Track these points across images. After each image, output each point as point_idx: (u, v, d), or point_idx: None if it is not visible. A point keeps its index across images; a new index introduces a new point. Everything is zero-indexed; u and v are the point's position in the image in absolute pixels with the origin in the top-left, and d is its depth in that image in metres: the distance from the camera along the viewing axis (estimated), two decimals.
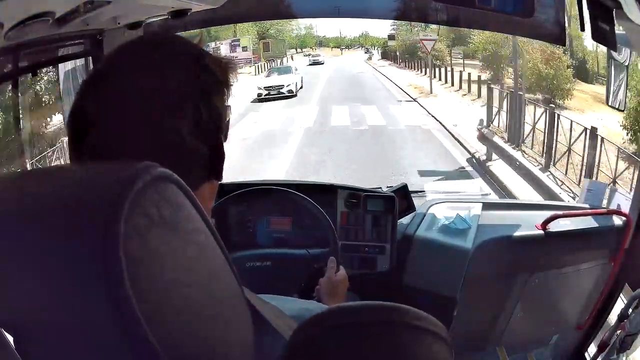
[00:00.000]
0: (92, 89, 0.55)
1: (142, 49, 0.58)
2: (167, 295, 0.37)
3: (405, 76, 21.03)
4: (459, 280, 1.70)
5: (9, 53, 1.30)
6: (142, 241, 0.36)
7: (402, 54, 24.82)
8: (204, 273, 0.42)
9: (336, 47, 32.58)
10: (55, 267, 0.36)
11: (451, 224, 1.79)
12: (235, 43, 24.27)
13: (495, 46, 15.60)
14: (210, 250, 0.43)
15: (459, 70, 17.49)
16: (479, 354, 1.96)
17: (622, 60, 1.74)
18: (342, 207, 1.76)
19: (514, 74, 11.83)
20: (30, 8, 0.96)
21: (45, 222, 0.37)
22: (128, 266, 0.34)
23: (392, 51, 26.89)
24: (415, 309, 0.49)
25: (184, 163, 0.53)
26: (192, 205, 0.42)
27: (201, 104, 0.55)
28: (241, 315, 0.46)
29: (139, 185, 0.37)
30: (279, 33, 29.81)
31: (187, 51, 0.58)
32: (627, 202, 1.80)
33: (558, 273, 1.85)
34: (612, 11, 1.30)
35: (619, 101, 1.80)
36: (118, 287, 0.34)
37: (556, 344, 1.99)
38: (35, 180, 0.42)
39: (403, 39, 24.75)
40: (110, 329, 0.35)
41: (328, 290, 1.24)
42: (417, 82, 19.00)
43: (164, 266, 0.37)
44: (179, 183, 0.41)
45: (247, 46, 24.87)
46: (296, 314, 0.62)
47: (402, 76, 21.07)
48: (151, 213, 0.37)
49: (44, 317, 0.38)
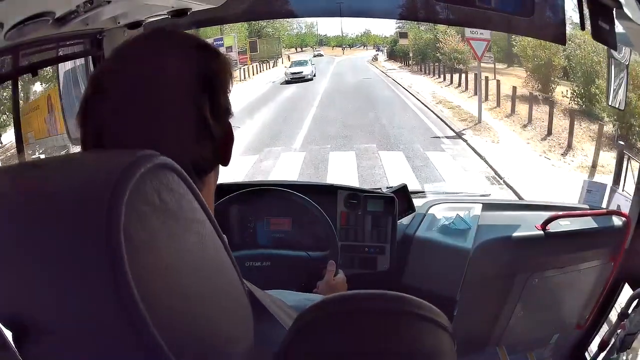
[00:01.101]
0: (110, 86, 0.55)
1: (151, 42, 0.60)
2: (166, 280, 0.38)
3: (424, 85, 16.33)
4: (459, 280, 1.70)
5: (9, 53, 1.30)
6: (142, 226, 0.36)
7: (415, 55, 20.65)
8: (204, 261, 0.42)
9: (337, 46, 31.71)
10: (57, 252, 0.36)
11: (451, 224, 1.79)
12: (218, 43, 19.50)
13: (549, 53, 12.30)
14: (210, 240, 0.43)
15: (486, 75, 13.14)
16: (479, 354, 1.96)
17: (622, 60, 1.74)
18: (342, 208, 1.76)
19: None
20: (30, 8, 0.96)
21: (48, 209, 0.37)
22: (128, 250, 0.35)
23: (401, 51, 22.95)
24: (417, 299, 0.49)
25: (208, 143, 0.57)
26: (192, 195, 0.42)
27: (218, 88, 0.58)
28: (240, 304, 0.46)
29: (140, 171, 0.37)
30: (276, 31, 26.20)
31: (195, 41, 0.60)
32: (627, 202, 1.80)
33: (558, 273, 1.85)
34: (612, 11, 1.29)
35: (618, 101, 1.80)
36: (118, 270, 0.35)
37: (556, 344, 1.98)
38: (37, 169, 0.42)
39: (416, 38, 20.56)
40: (108, 311, 0.36)
41: (326, 293, 1.24)
42: (444, 94, 14.51)
43: (164, 251, 0.38)
44: (180, 172, 0.41)
45: (231, 46, 20.65)
46: (297, 304, 0.63)
47: (420, 84, 16.36)
48: (152, 199, 0.38)
49: (46, 300, 0.38)
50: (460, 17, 1.75)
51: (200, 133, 0.56)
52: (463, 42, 16.19)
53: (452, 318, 1.70)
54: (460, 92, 14.57)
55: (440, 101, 13.61)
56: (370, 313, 0.49)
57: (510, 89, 12.04)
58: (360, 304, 0.50)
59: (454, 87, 15.35)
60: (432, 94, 14.68)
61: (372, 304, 0.49)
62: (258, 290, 0.60)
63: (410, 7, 1.85)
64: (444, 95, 14.40)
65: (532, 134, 10.19)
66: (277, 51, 24.23)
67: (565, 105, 11.38)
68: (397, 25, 22.94)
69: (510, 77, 14.03)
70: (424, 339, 0.49)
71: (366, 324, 0.49)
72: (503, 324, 1.91)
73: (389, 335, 0.48)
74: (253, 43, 22.31)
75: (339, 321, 0.49)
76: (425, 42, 19.48)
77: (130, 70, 0.55)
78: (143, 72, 0.55)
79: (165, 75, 0.55)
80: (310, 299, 0.68)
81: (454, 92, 14.68)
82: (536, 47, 12.58)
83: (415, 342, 0.49)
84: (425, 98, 13.98)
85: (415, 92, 15.16)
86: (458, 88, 15.04)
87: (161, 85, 0.55)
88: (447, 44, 17.18)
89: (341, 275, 1.30)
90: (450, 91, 14.96)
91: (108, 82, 0.55)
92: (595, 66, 10.59)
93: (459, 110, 12.46)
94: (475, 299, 1.79)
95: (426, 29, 19.58)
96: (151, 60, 0.56)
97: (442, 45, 17.35)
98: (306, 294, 0.78)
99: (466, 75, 14.89)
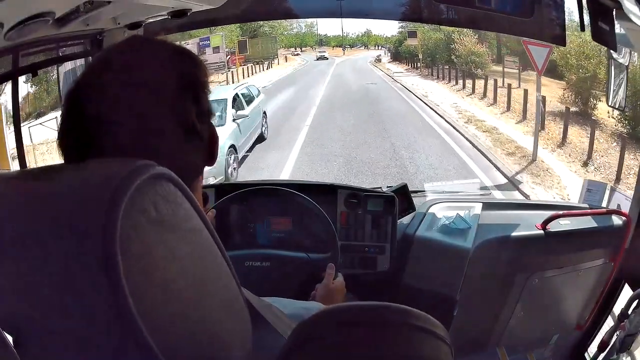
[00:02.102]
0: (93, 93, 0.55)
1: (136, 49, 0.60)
2: (163, 291, 0.38)
3: (441, 93, 13.52)
4: (459, 280, 1.70)
5: (9, 53, 1.30)
6: (139, 238, 0.36)
7: (425, 57, 18.10)
8: (201, 270, 0.42)
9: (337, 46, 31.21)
10: (54, 262, 0.36)
11: (451, 224, 1.79)
12: (205, 43, 17.23)
13: (595, 64, 9.90)
14: (207, 249, 0.43)
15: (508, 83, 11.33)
16: (479, 354, 1.96)
17: (622, 60, 1.74)
18: (342, 207, 1.76)
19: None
20: (30, 8, 0.96)
21: (44, 219, 0.37)
22: (124, 262, 0.35)
23: (407, 52, 20.40)
24: (415, 310, 0.49)
25: (197, 147, 0.59)
26: (190, 204, 0.42)
27: (200, 92, 0.59)
28: (239, 314, 0.46)
29: (136, 182, 0.37)
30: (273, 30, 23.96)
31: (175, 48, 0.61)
32: (627, 202, 1.80)
33: (558, 273, 1.85)
34: (612, 11, 1.30)
35: (618, 101, 1.80)
36: (114, 282, 0.34)
37: (556, 344, 1.98)
38: (34, 178, 0.42)
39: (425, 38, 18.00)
40: (106, 323, 0.36)
41: (324, 296, 1.24)
42: (469, 108, 11.71)
43: (160, 262, 0.38)
44: (176, 182, 0.41)
45: (219, 46, 17.82)
46: (295, 313, 0.63)
47: (437, 93, 13.57)
48: (148, 210, 0.37)
49: (43, 310, 0.38)
50: (459, 17, 1.75)
51: (189, 137, 0.57)
52: (481, 43, 14.40)
53: (452, 318, 1.69)
54: (487, 106, 11.85)
55: (469, 119, 10.63)
56: (368, 325, 0.49)
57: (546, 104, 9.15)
58: (358, 315, 0.50)
59: (477, 97, 12.53)
60: (455, 107, 11.82)
61: (370, 316, 0.50)
62: (255, 298, 0.59)
63: (411, 8, 1.85)
64: (470, 109, 11.59)
65: (597, 176, 7.75)
66: (272, 51, 21.82)
67: (611, 127, 8.81)
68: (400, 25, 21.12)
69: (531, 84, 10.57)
70: (422, 350, 0.49)
71: (364, 335, 0.49)
72: (503, 324, 1.91)
73: (386, 346, 0.48)
74: (242, 43, 19.34)
75: (338, 333, 0.49)
76: (435, 43, 17.10)
77: (112, 81, 0.55)
78: (126, 81, 0.55)
79: (147, 83, 0.55)
80: (308, 307, 0.69)
81: (479, 104, 11.93)
82: (579, 55, 10.01)
83: (414, 354, 0.49)
84: (449, 114, 11.02)
85: (434, 104, 12.34)
86: (483, 100, 12.23)
87: (145, 94, 0.55)
88: (463, 44, 14.96)
89: (340, 279, 1.30)
90: (474, 103, 12.15)
91: (91, 95, 0.55)
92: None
93: (497, 135, 9.59)
94: (475, 299, 1.79)
95: (435, 28, 17.04)
96: (132, 69, 0.56)
97: (457, 46, 15.06)
98: (303, 303, 0.78)
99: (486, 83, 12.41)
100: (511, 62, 12.58)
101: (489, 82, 12.47)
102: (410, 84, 15.35)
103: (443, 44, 16.34)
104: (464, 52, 14.77)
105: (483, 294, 1.84)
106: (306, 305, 0.71)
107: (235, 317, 0.46)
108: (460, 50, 14.95)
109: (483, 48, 14.18)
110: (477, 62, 14.10)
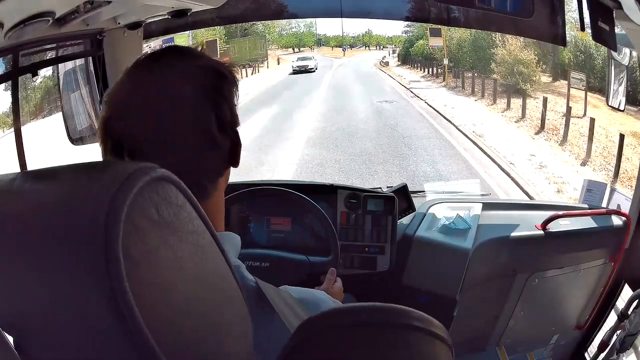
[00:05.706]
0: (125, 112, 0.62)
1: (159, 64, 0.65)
2: (166, 295, 0.38)
3: (490, 122, 8.99)
4: (459, 280, 1.70)
5: (9, 53, 1.30)
6: (141, 241, 0.36)
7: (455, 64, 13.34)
8: (203, 272, 0.42)
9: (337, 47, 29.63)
10: (55, 267, 0.36)
11: (451, 224, 1.79)
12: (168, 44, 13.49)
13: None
14: (209, 250, 0.43)
15: (568, 106, 7.70)
16: (479, 354, 1.96)
17: (622, 60, 1.74)
18: (342, 207, 1.76)
19: None
20: (30, 8, 0.96)
21: (44, 223, 0.37)
22: (126, 266, 0.35)
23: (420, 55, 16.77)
24: (415, 310, 0.49)
25: (215, 153, 0.64)
26: (191, 206, 0.42)
27: (222, 103, 0.64)
28: (240, 316, 0.46)
29: (138, 185, 0.37)
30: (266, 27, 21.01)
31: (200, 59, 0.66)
32: (627, 202, 1.80)
33: (558, 273, 1.85)
34: (612, 11, 1.30)
35: (618, 101, 1.80)
36: (116, 286, 0.34)
37: (556, 344, 1.98)
38: (34, 180, 0.42)
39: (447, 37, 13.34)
40: (108, 328, 0.36)
41: None
42: (537, 152, 7.60)
43: (162, 265, 0.38)
44: (178, 184, 0.41)
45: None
46: (303, 297, 0.68)
47: (487, 123, 8.86)
48: (150, 213, 0.37)
49: (44, 316, 0.38)
50: (460, 17, 1.75)
51: (208, 145, 0.63)
52: (528, 49, 10.31)
53: (452, 318, 1.70)
54: (558, 145, 7.72)
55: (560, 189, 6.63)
56: (368, 325, 0.49)
57: (615, 137, 6.11)
58: (359, 316, 0.50)
59: (533, 128, 8.37)
60: (533, 161, 7.30)
61: (371, 317, 0.50)
62: (266, 286, 0.63)
63: (411, 8, 1.85)
64: (538, 153, 7.43)
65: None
66: (261, 52, 18.27)
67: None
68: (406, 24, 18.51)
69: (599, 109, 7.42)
70: (422, 350, 0.49)
71: (364, 336, 0.49)
72: (503, 324, 1.91)
73: (387, 347, 0.48)
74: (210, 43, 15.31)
75: (338, 334, 0.49)
76: (458, 44, 12.63)
77: (141, 92, 0.62)
78: (153, 93, 0.62)
79: (173, 96, 0.62)
80: (316, 295, 0.72)
81: (542, 143, 7.73)
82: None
83: (414, 355, 0.49)
84: (528, 177, 6.73)
85: (494, 148, 7.69)
86: (542, 133, 8.21)
87: (170, 105, 0.62)
88: (506, 49, 10.76)
89: (339, 284, 1.31)
90: (534, 138, 7.98)
91: (121, 104, 0.62)
92: None
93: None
94: (475, 299, 1.79)
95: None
96: (158, 82, 0.63)
97: (499, 50, 10.83)
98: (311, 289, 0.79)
99: (545, 107, 8.37)
100: (578, 80, 8.70)
101: (542, 105, 8.19)
102: (442, 105, 10.66)
103: (470, 45, 12.22)
104: (509, 59, 10.67)
105: (483, 294, 1.84)
106: (312, 291, 0.74)
107: (236, 319, 0.46)
108: (503, 56, 10.82)
109: (531, 54, 10.17)
110: (525, 74, 10.07)
